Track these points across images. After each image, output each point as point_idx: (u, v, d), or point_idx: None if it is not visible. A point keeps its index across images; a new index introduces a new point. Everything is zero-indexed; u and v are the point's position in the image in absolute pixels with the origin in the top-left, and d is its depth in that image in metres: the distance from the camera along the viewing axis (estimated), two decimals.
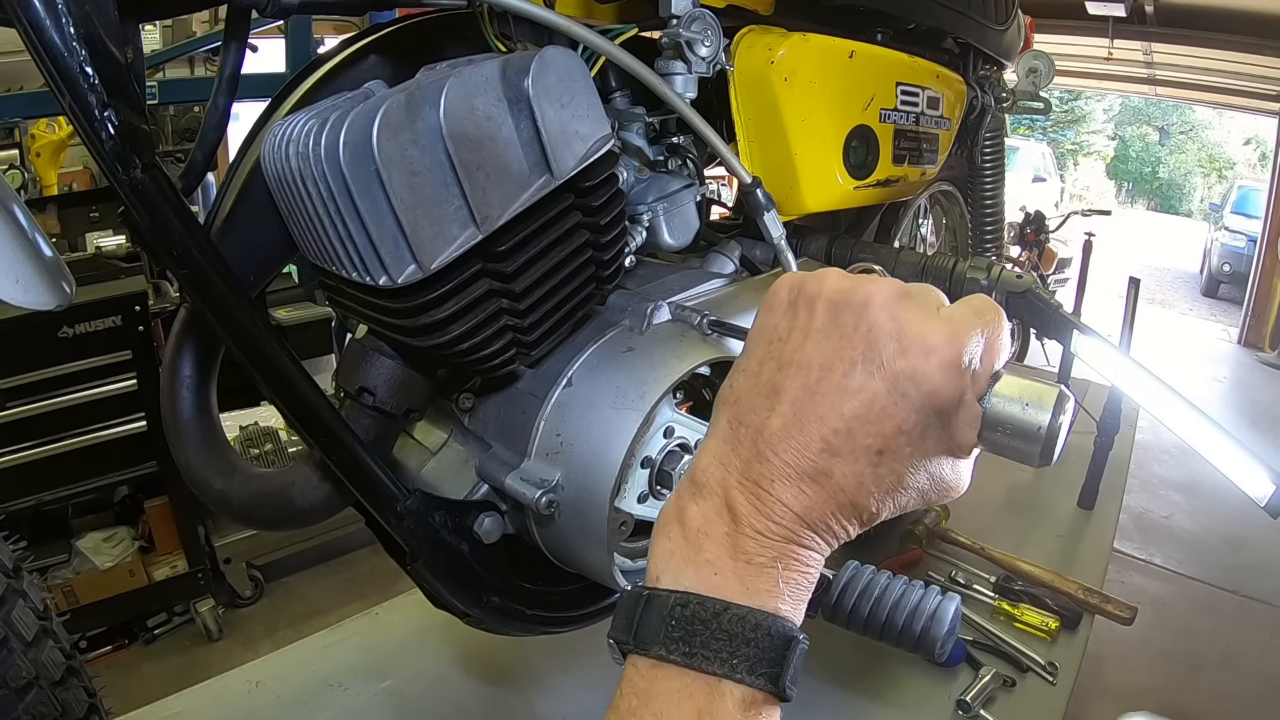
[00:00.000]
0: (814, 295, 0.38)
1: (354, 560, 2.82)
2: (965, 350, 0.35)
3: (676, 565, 0.36)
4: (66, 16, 0.47)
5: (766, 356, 0.38)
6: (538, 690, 1.23)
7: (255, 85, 2.24)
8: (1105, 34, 5.80)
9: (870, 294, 0.36)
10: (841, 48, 0.92)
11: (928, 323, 0.36)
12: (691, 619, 0.34)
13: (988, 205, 1.54)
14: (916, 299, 0.37)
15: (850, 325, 0.36)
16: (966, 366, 0.36)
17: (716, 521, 0.36)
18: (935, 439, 0.37)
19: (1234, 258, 8.79)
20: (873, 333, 0.36)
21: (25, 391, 2.04)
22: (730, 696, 0.33)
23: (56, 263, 0.67)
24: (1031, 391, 0.38)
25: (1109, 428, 1.88)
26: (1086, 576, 1.53)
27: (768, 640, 0.34)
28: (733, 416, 0.38)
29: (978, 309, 0.38)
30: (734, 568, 0.35)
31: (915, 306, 0.36)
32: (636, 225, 0.81)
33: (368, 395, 0.66)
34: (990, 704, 1.21)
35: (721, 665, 0.33)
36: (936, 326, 0.35)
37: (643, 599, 0.36)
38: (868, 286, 0.37)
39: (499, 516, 0.73)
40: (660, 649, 0.34)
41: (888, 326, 0.35)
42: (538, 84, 0.57)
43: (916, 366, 0.35)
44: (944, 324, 0.36)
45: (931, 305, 0.37)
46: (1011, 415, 0.38)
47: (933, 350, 0.35)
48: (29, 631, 0.77)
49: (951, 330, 0.35)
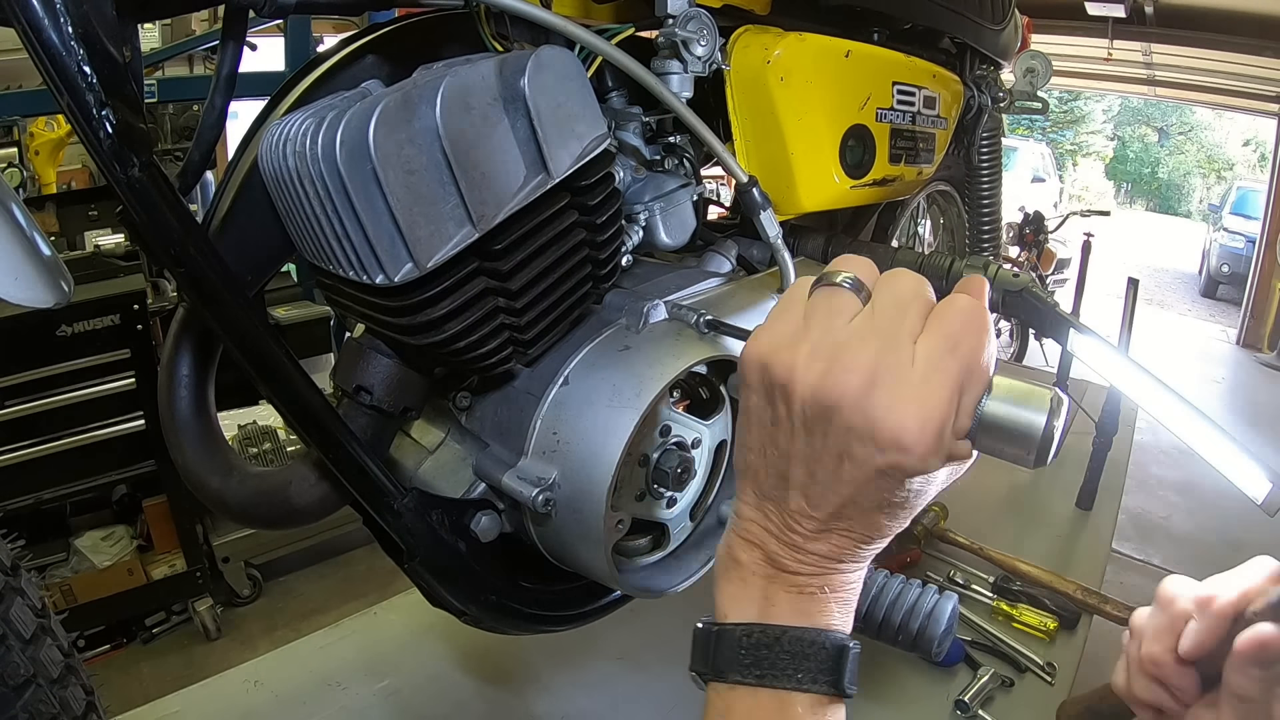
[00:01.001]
0: (785, 389, 0.39)
1: (352, 559, 2.82)
2: (941, 426, 0.37)
3: (739, 604, 0.42)
4: (64, 15, 0.47)
5: (767, 442, 0.41)
6: (536, 690, 1.23)
7: (253, 84, 2.24)
8: (1105, 34, 5.81)
9: (839, 396, 0.37)
10: (838, 47, 0.92)
11: (899, 411, 0.37)
12: (757, 645, 0.40)
13: (985, 205, 1.55)
14: (885, 379, 0.37)
15: (824, 430, 0.38)
16: (944, 435, 0.37)
17: (765, 566, 0.42)
18: (935, 469, 0.39)
19: (1232, 258, 8.79)
20: (848, 435, 0.38)
21: (23, 390, 2.04)
22: (800, 703, 0.39)
23: (55, 261, 0.67)
24: (1025, 394, 0.38)
25: (1107, 428, 1.88)
26: (1085, 577, 1.53)
27: (823, 653, 0.39)
28: (756, 489, 0.42)
29: (955, 337, 0.38)
30: (786, 598, 0.41)
31: (884, 392, 0.37)
32: (633, 224, 0.81)
33: (365, 394, 0.66)
34: (988, 704, 1.21)
35: (789, 680, 0.39)
36: (908, 413, 0.37)
37: (714, 634, 0.42)
38: (835, 382, 0.38)
39: (496, 515, 0.73)
40: (735, 675, 0.40)
41: (861, 428, 0.37)
42: (534, 83, 0.57)
43: (894, 461, 0.37)
44: (916, 405, 0.37)
45: (903, 365, 0.37)
46: (1006, 419, 0.38)
47: (907, 446, 0.37)
48: (27, 630, 0.77)
49: (924, 411, 0.37)
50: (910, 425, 0.36)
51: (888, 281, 0.41)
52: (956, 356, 0.38)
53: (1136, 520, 3.49)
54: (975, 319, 0.39)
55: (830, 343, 0.39)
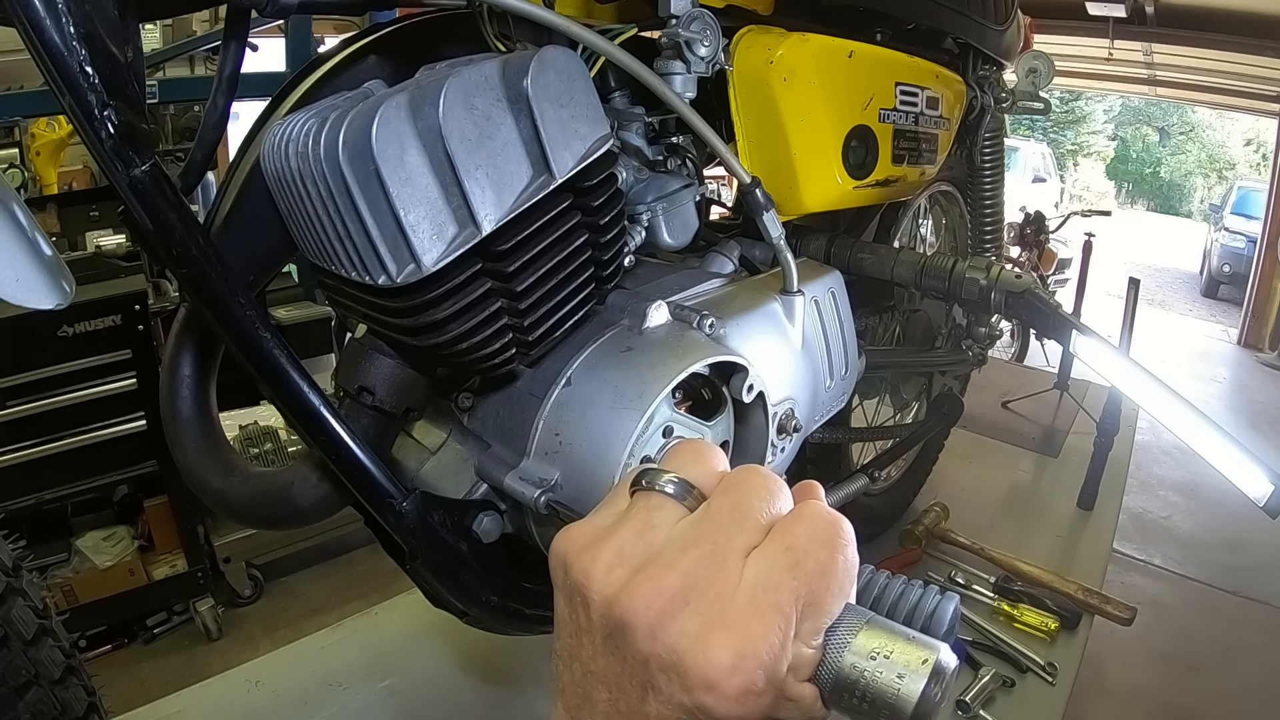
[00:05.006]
0: (583, 595, 0.33)
1: (353, 559, 2.83)
2: (765, 664, 0.29)
3: None
4: (66, 15, 0.47)
5: (573, 653, 0.34)
6: (537, 690, 1.23)
7: (255, 84, 2.25)
8: (1105, 34, 5.81)
9: (638, 615, 0.30)
10: (841, 48, 0.92)
11: (710, 640, 0.29)
12: None
13: (987, 205, 1.54)
14: (698, 599, 0.30)
15: (624, 652, 0.32)
16: (772, 676, 0.30)
17: None
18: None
19: (1234, 258, 8.80)
20: (649, 665, 0.31)
21: (25, 390, 2.04)
22: None
23: (56, 262, 0.67)
24: (902, 649, 0.30)
25: (1108, 428, 1.88)
26: (1086, 577, 1.54)
27: None
28: (564, 704, 0.35)
29: (797, 551, 0.31)
30: None
31: (694, 616, 0.30)
32: (636, 225, 0.81)
33: (367, 394, 0.66)
34: (989, 704, 1.21)
35: None
36: (721, 643, 0.29)
37: None
38: (636, 597, 0.31)
39: (498, 516, 0.73)
40: None
41: (662, 657, 0.30)
42: (537, 84, 0.57)
43: (702, 702, 0.30)
44: (733, 634, 0.29)
45: (725, 584, 0.30)
46: (868, 680, 0.30)
47: (714, 685, 0.29)
48: (28, 630, 0.77)
49: (742, 643, 0.29)
50: (722, 659, 0.29)
51: (731, 483, 0.34)
52: (796, 576, 0.30)
53: (1138, 520, 3.49)
54: (825, 530, 0.32)
55: (641, 548, 0.32)
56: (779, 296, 0.82)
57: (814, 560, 0.31)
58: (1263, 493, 0.94)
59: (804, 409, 0.83)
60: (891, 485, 1.66)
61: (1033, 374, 2.96)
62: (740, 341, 0.73)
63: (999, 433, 2.31)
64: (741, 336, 0.74)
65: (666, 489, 0.34)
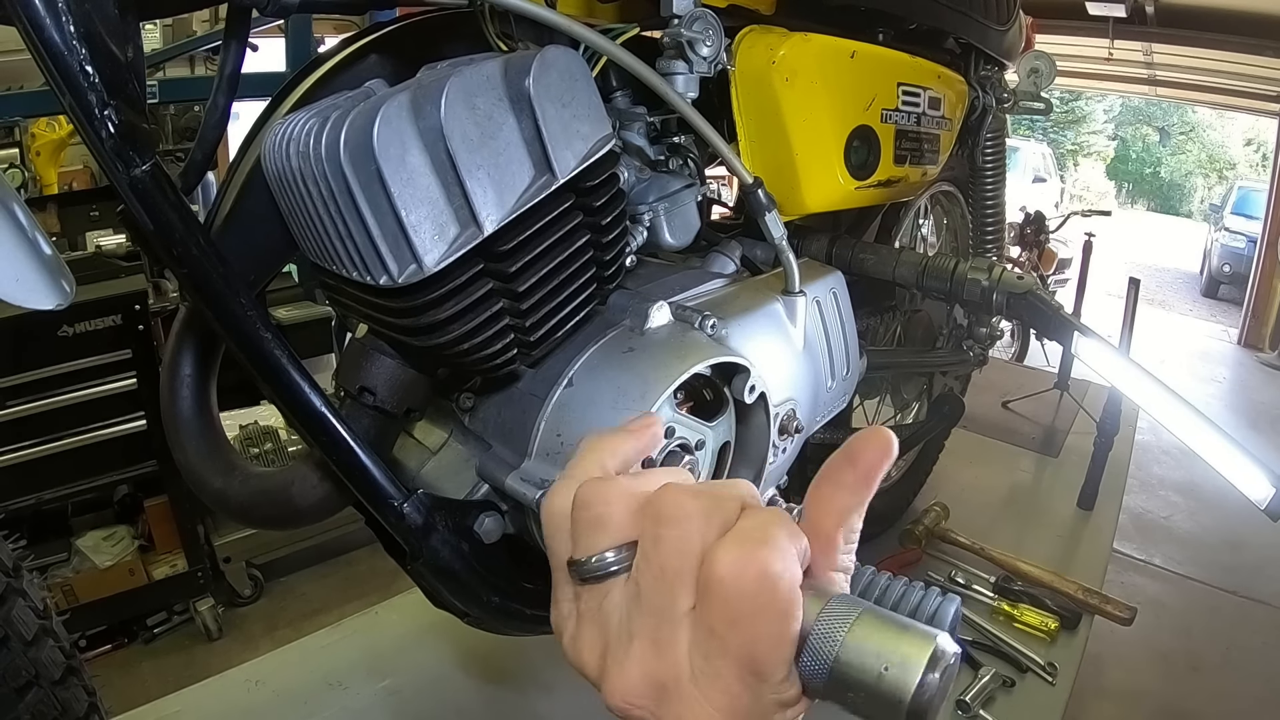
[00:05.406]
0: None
1: (353, 559, 2.82)
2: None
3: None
4: (66, 15, 0.47)
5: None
6: (538, 690, 1.23)
7: (255, 84, 2.24)
8: (1105, 34, 5.81)
9: (628, 710, 0.31)
10: (843, 48, 0.92)
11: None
12: None
13: (988, 206, 1.54)
14: (671, 695, 0.30)
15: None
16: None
17: None
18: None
19: (1234, 258, 8.80)
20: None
21: (25, 390, 2.04)
22: None
23: (56, 262, 0.66)
24: (895, 640, 0.29)
25: (1108, 428, 1.88)
26: (1086, 577, 1.53)
27: None
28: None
29: (724, 627, 0.29)
30: None
31: (670, 708, 0.30)
32: (637, 225, 0.81)
33: (368, 395, 0.66)
34: (990, 704, 1.21)
35: None
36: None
37: None
38: (612, 701, 0.31)
39: (499, 516, 0.73)
40: None
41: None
42: (539, 83, 0.57)
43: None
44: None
45: (675, 680, 0.30)
46: (862, 676, 0.29)
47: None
48: (29, 630, 0.77)
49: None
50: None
51: (649, 534, 0.32)
52: (727, 656, 0.29)
53: (1138, 520, 3.49)
54: (741, 595, 0.29)
55: (601, 641, 0.33)
56: (781, 297, 0.82)
57: (737, 640, 0.29)
58: (1264, 495, 0.94)
59: (805, 409, 0.83)
60: (892, 485, 1.66)
61: (1033, 374, 2.96)
62: (742, 342, 0.73)
63: (999, 433, 2.31)
64: (743, 337, 0.74)
65: (598, 571, 0.33)
